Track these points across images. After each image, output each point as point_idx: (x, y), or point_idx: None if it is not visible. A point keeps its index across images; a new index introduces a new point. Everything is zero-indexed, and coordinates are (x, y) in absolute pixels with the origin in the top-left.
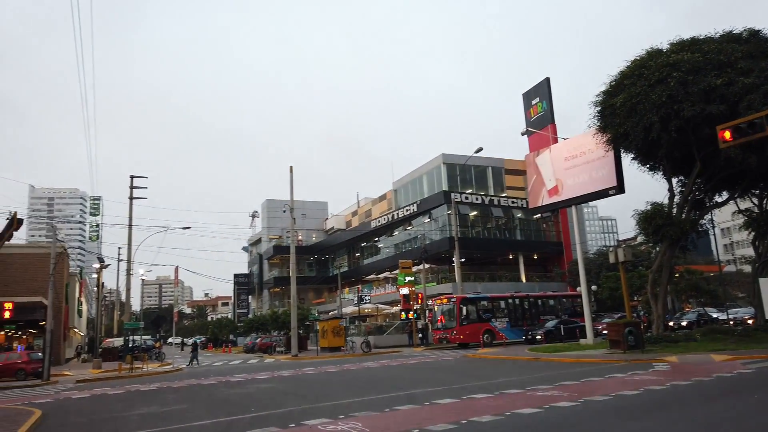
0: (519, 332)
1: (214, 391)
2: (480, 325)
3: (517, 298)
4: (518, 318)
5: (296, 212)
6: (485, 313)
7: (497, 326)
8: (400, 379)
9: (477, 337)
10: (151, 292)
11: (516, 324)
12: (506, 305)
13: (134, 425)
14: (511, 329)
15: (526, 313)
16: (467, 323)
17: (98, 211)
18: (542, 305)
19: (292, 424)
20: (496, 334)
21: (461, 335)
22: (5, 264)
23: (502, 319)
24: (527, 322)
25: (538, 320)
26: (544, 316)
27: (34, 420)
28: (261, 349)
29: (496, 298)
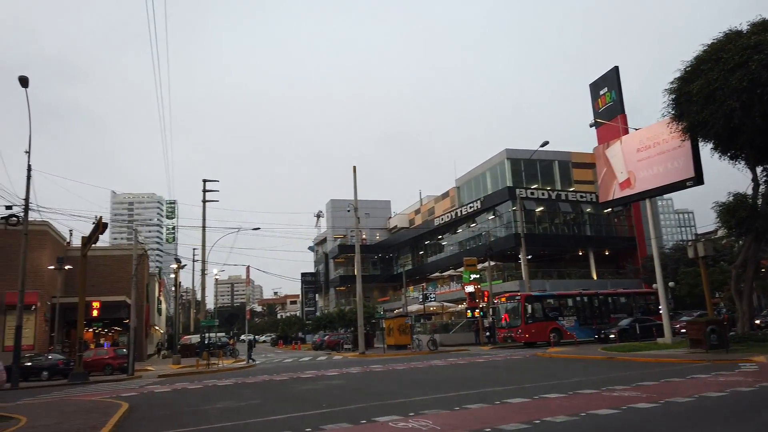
0: (588, 331)
1: (286, 387)
2: (546, 323)
3: (586, 295)
4: (587, 316)
5: (360, 211)
6: (552, 311)
7: (565, 325)
8: (469, 377)
9: (543, 335)
10: (224, 291)
11: (585, 322)
12: (574, 303)
13: (214, 418)
14: (580, 328)
15: (595, 311)
16: (533, 321)
17: (174, 214)
18: (612, 303)
19: (363, 421)
20: (564, 332)
21: (526, 334)
22: (92, 265)
23: (569, 317)
24: (596, 321)
25: (608, 319)
26: (614, 314)
27: (122, 412)
28: (329, 346)
29: (563, 296)
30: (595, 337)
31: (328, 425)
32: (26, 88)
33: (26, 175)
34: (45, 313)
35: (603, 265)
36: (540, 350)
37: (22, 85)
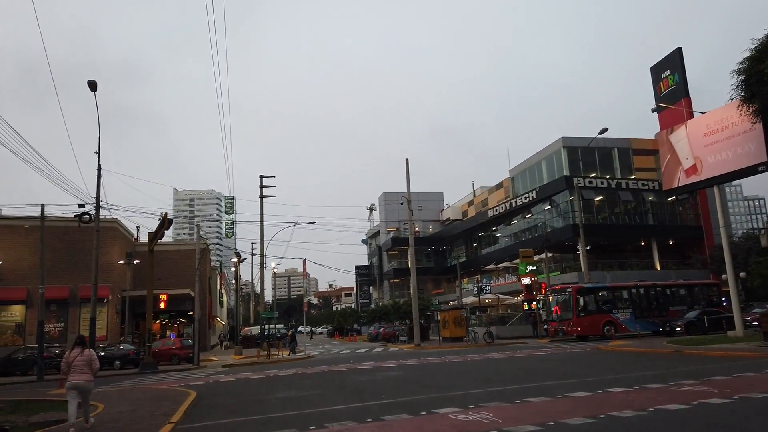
0: (645, 324)
1: (345, 377)
2: (599, 316)
3: (642, 287)
4: (643, 309)
5: (412, 204)
6: (605, 303)
7: (619, 317)
8: (528, 370)
9: (596, 329)
10: (281, 283)
11: (641, 315)
12: (629, 295)
13: (277, 408)
14: (636, 321)
15: (653, 303)
16: (585, 314)
17: (232, 209)
18: (671, 295)
19: (423, 412)
20: (619, 325)
21: (578, 327)
22: (158, 260)
23: (624, 310)
24: (654, 313)
25: (666, 311)
26: (673, 306)
27: (190, 400)
28: (384, 338)
29: (618, 288)
30: (652, 331)
31: (388, 416)
32: (95, 92)
33: (96, 174)
34: (116, 306)
35: (667, 256)
36: (602, 343)
37: (91, 89)
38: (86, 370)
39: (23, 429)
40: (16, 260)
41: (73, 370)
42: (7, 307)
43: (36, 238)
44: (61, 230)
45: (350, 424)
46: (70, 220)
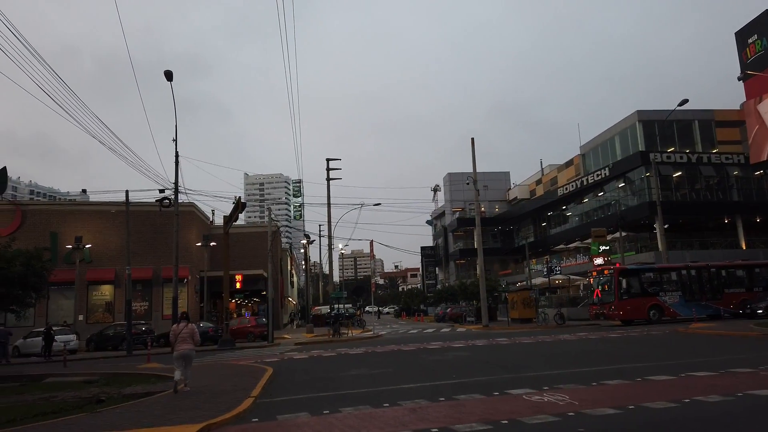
0: (697, 308)
1: (415, 357)
2: (644, 299)
3: (694, 268)
4: (694, 291)
5: (478, 184)
6: (651, 285)
7: (667, 301)
8: (603, 352)
9: (641, 312)
10: (348, 264)
11: (692, 298)
12: (679, 277)
13: (349, 385)
14: (686, 304)
15: (705, 285)
16: (628, 297)
17: (300, 192)
18: (727, 276)
19: (495, 392)
20: (665, 309)
21: (620, 311)
22: (233, 242)
23: (673, 292)
24: (707, 296)
25: (720, 294)
26: (729, 289)
27: (268, 376)
28: (451, 318)
29: (666, 269)
30: (707, 315)
31: (460, 395)
32: (171, 82)
33: (174, 161)
34: (195, 286)
35: (754, 234)
36: (682, 326)
37: (168, 79)
38: (189, 340)
39: (117, 400)
40: (105, 243)
41: (179, 341)
42: (98, 287)
43: (122, 222)
44: (144, 214)
45: (423, 403)
46: (152, 204)
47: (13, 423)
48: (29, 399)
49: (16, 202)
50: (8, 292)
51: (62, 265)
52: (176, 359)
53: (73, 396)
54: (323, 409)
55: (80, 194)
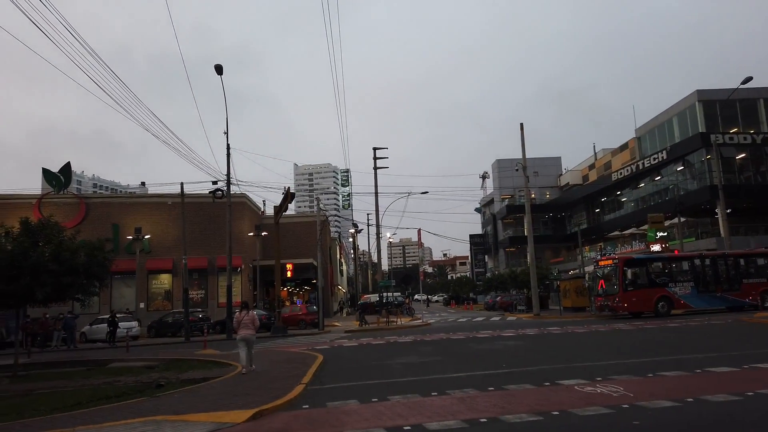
0: (711, 299)
1: (464, 345)
2: (651, 290)
3: (708, 257)
4: (709, 282)
5: (528, 170)
6: (659, 276)
7: (677, 292)
8: (661, 342)
9: (647, 304)
10: (396, 253)
11: (706, 289)
12: (691, 267)
13: (398, 373)
14: (699, 295)
15: (721, 276)
16: (633, 289)
17: (348, 182)
18: (746, 266)
19: (546, 383)
20: (676, 301)
21: (625, 303)
22: (283, 231)
23: (684, 283)
24: (723, 287)
25: (738, 285)
26: (748, 279)
27: (318, 363)
28: (501, 307)
29: (676, 259)
30: (726, 307)
31: (510, 385)
32: (221, 75)
33: (226, 153)
34: (248, 274)
35: None
36: (746, 315)
37: (218, 73)
38: (251, 326)
39: (175, 385)
40: (163, 234)
41: (242, 327)
42: (157, 276)
43: (178, 213)
44: (198, 206)
45: (472, 392)
46: (205, 196)
47: (80, 406)
48: (95, 383)
49: (80, 196)
50: (74, 282)
51: (124, 255)
52: (239, 342)
53: (134, 381)
54: (372, 397)
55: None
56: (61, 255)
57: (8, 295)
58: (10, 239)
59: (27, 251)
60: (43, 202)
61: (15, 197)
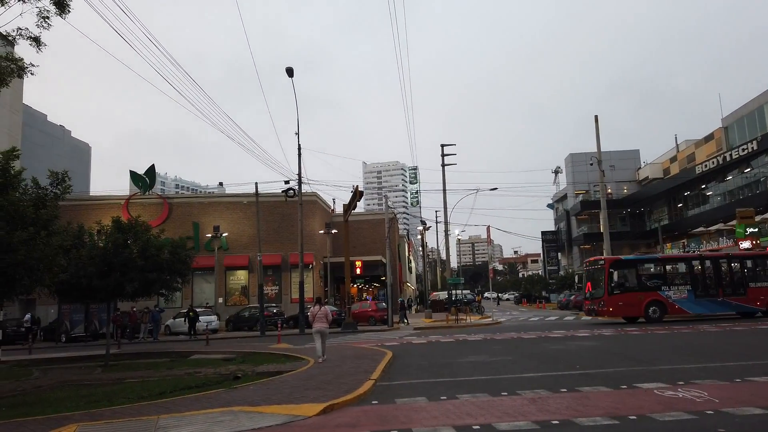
0: (711, 305)
1: (536, 345)
2: (641, 294)
3: (709, 258)
4: (709, 286)
5: (603, 164)
6: (651, 278)
7: (671, 296)
8: (750, 345)
9: (636, 309)
10: (465, 250)
11: (705, 293)
12: (689, 269)
13: (467, 372)
14: (697, 300)
15: (723, 279)
16: (620, 292)
17: (416, 179)
18: (754, 268)
19: (623, 386)
20: (669, 306)
21: (610, 307)
22: (352, 229)
23: (680, 287)
24: (725, 291)
25: (743, 289)
26: (756, 283)
27: (387, 359)
28: (576, 306)
29: (673, 260)
30: (738, 313)
31: (584, 387)
32: (292, 78)
33: (297, 153)
34: (319, 271)
35: None
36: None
37: (289, 75)
38: (324, 320)
39: (251, 377)
40: (239, 231)
41: (316, 320)
42: (234, 272)
43: (253, 212)
44: (272, 204)
45: (543, 393)
46: (278, 195)
47: (164, 395)
48: (177, 373)
49: (163, 196)
50: (158, 277)
51: (203, 253)
52: (314, 334)
53: (213, 372)
54: (440, 395)
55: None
56: (147, 252)
57: (100, 290)
58: (102, 238)
59: (117, 249)
60: (130, 202)
61: (106, 198)
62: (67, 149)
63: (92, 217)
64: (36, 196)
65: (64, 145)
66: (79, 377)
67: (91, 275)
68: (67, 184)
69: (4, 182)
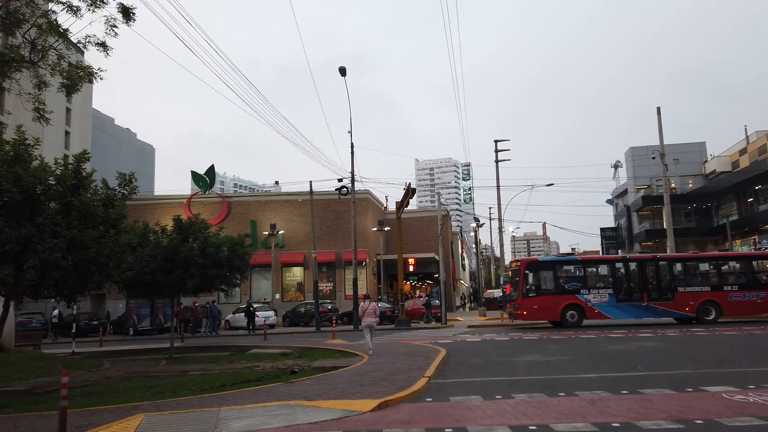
0: (635, 310)
1: (594, 345)
2: (558, 297)
3: (635, 261)
4: (632, 290)
5: (667, 157)
6: (570, 281)
7: (591, 300)
8: None
9: (552, 313)
10: (520, 247)
11: (628, 298)
12: (612, 271)
13: (523, 371)
14: (619, 305)
15: (649, 283)
16: (536, 295)
17: (469, 175)
18: (684, 272)
19: (689, 389)
20: (589, 310)
21: (524, 310)
22: (405, 226)
23: (601, 290)
24: (651, 296)
25: (672, 293)
26: (685, 287)
27: (441, 357)
28: None
29: (593, 262)
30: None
31: (646, 389)
32: (344, 77)
33: (350, 151)
34: (372, 268)
35: None
36: None
37: (342, 75)
38: (372, 314)
39: (307, 372)
40: (294, 229)
41: (365, 315)
42: (290, 269)
43: (307, 210)
44: (326, 202)
45: (603, 395)
46: (332, 193)
47: (225, 387)
48: (237, 367)
49: (223, 195)
50: (218, 274)
51: (260, 250)
52: (364, 328)
53: (271, 366)
54: (495, 394)
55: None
56: (207, 250)
57: (164, 285)
58: (165, 236)
59: (178, 246)
60: (192, 201)
61: (169, 197)
62: (133, 151)
63: (156, 215)
64: (105, 196)
65: (131, 146)
66: (145, 369)
67: (155, 272)
68: (134, 185)
69: (77, 183)
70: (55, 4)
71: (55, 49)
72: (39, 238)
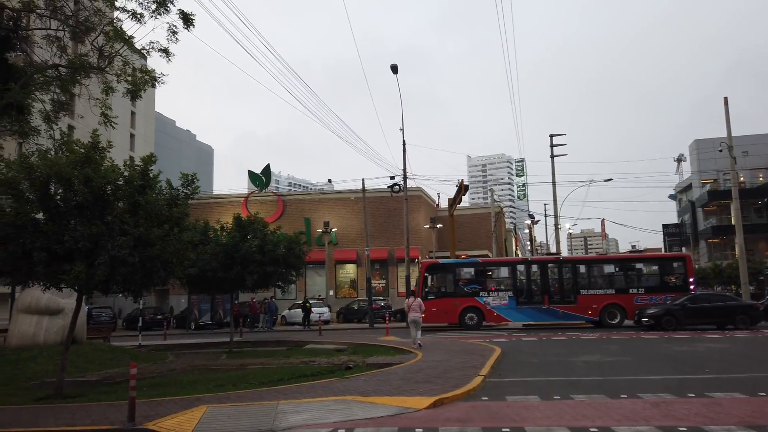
0: (536, 312)
1: (657, 345)
2: (457, 300)
3: (536, 263)
4: (532, 293)
5: (735, 150)
6: (469, 283)
7: (490, 303)
8: None
9: (451, 316)
10: (577, 245)
11: (529, 300)
12: (512, 274)
13: (581, 371)
14: (518, 308)
15: (550, 286)
16: (434, 297)
17: (523, 171)
18: (587, 275)
19: (761, 392)
20: (486, 313)
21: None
22: (457, 223)
23: (501, 292)
24: (552, 299)
25: (574, 296)
26: (586, 290)
27: (496, 356)
28: None
29: (493, 264)
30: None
31: (715, 393)
32: (396, 74)
33: (402, 149)
34: None
35: None
36: None
37: (393, 72)
38: (418, 310)
39: (362, 368)
40: (347, 226)
41: (411, 310)
42: (343, 266)
43: (360, 207)
44: (378, 200)
45: (668, 397)
46: (384, 190)
47: (282, 382)
48: (293, 362)
49: (278, 194)
50: (275, 271)
51: (315, 247)
52: (410, 323)
53: (327, 362)
54: (553, 394)
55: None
56: (265, 247)
57: (224, 282)
58: (225, 233)
59: (238, 244)
60: (249, 200)
61: (227, 196)
62: (193, 151)
63: (215, 214)
64: (170, 196)
65: (191, 147)
66: (206, 362)
67: (216, 268)
68: (196, 185)
69: (144, 184)
70: (120, 12)
71: (120, 55)
72: (108, 235)
